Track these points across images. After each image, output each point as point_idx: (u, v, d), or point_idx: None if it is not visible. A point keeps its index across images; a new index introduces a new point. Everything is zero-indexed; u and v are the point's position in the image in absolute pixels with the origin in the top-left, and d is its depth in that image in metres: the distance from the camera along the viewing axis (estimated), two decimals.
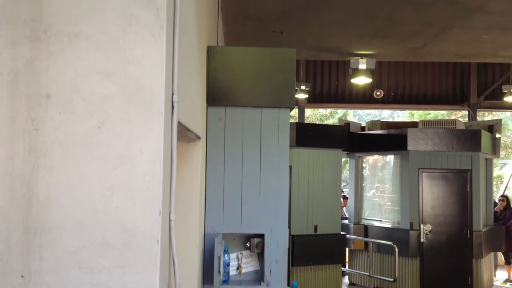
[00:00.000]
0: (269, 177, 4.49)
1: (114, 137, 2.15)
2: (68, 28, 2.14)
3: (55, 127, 2.13)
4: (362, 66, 10.01)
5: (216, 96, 4.42)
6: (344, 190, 14.46)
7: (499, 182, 20.48)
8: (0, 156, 2.10)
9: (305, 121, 17.55)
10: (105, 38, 2.15)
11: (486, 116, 21.91)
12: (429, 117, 20.65)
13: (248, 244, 4.68)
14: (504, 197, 13.19)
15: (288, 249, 9.31)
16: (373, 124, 13.53)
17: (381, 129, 13.00)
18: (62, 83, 2.14)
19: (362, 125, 13.69)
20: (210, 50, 4.36)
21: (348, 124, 13.21)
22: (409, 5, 6.59)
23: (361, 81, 11.15)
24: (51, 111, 2.13)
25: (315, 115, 23.60)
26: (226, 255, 4.52)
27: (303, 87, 13.67)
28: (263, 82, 4.44)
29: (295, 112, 16.90)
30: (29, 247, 2.10)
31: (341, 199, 13.62)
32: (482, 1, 6.75)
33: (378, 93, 15.99)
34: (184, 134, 3.18)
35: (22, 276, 2.11)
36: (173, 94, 2.35)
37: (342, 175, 14.50)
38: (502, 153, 23.27)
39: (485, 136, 11.78)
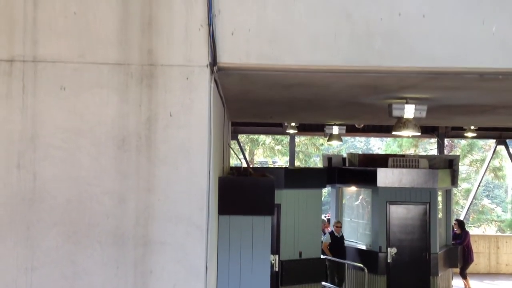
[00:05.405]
0: (257, 258, 6.91)
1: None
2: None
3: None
4: (335, 132, 12.45)
5: (224, 208, 6.83)
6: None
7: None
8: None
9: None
10: (176, 244, 4.56)
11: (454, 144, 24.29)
12: (404, 142, 23.14)
13: None
14: (456, 221, 15.63)
15: (277, 271, 11.79)
16: (352, 156, 15.88)
17: (358, 160, 15.25)
18: None
19: (344, 157, 16.04)
20: (220, 180, 6.77)
21: (330, 158, 15.56)
22: (357, 108, 8.87)
23: (334, 143, 13.56)
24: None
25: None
26: None
27: (293, 124, 15.87)
28: (252, 200, 6.85)
29: (286, 140, 19.25)
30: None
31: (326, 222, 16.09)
32: None
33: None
34: None
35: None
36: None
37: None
38: (475, 166, 25.77)
39: (443, 173, 14.11)
